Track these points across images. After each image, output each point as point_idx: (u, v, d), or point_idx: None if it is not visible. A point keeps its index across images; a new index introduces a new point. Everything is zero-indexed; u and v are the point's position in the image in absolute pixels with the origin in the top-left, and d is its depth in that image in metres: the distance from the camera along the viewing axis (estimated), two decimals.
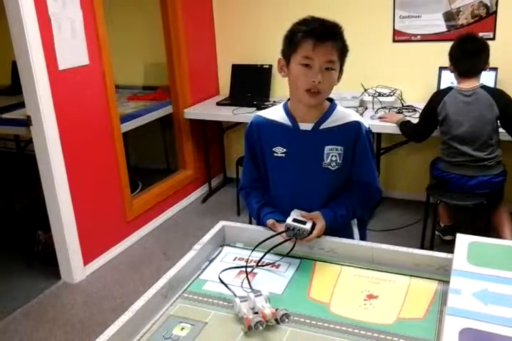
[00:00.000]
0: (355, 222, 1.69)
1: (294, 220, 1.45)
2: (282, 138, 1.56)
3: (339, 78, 1.50)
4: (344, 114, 1.56)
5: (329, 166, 1.53)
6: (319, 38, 1.40)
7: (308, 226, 1.44)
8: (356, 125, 1.54)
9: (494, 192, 2.83)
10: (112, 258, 3.25)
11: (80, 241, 3.00)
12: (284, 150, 1.55)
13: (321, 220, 1.47)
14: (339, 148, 1.52)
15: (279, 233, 1.45)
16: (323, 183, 1.56)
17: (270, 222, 1.53)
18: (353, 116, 1.56)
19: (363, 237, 1.70)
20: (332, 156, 1.52)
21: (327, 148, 1.52)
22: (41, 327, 2.62)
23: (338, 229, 1.54)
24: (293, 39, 1.45)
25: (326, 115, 1.53)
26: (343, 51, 1.46)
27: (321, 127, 1.53)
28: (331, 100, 1.57)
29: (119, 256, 3.28)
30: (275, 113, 1.59)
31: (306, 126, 1.53)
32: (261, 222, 1.59)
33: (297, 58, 1.43)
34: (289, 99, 1.58)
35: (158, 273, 1.33)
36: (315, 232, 1.44)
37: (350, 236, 1.64)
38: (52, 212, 2.89)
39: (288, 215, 1.49)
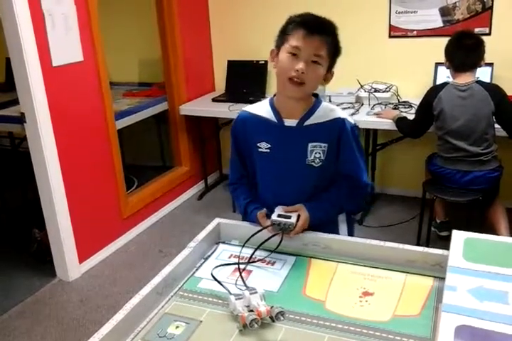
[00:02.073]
0: (343, 218, 1.68)
1: (279, 216, 1.46)
2: (267, 134, 1.56)
3: (328, 79, 1.50)
4: (329, 110, 1.55)
5: (313, 163, 1.53)
6: (310, 30, 1.40)
7: (293, 220, 1.45)
8: (340, 121, 1.53)
9: (490, 188, 2.83)
10: (107, 255, 3.24)
11: (75, 238, 2.99)
12: (269, 145, 1.55)
13: (304, 212, 1.48)
14: (323, 145, 1.52)
15: (266, 227, 1.45)
16: (306, 179, 1.56)
17: (260, 213, 1.52)
18: (338, 112, 1.55)
19: (350, 233, 1.69)
20: (316, 153, 1.52)
21: (310, 145, 1.52)
22: (36, 325, 2.61)
23: (323, 223, 1.54)
24: (286, 29, 1.46)
25: (311, 111, 1.53)
26: (334, 49, 1.46)
27: (306, 123, 1.52)
28: (316, 96, 1.57)
29: (114, 254, 3.28)
30: (261, 108, 1.59)
31: (290, 122, 1.53)
32: (248, 218, 1.60)
33: (286, 47, 1.44)
34: (275, 95, 1.58)
35: (155, 270, 1.32)
36: (299, 224, 1.45)
37: (335, 231, 1.64)
38: (47, 210, 2.88)
39: (273, 211, 1.50)
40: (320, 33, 1.41)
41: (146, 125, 4.08)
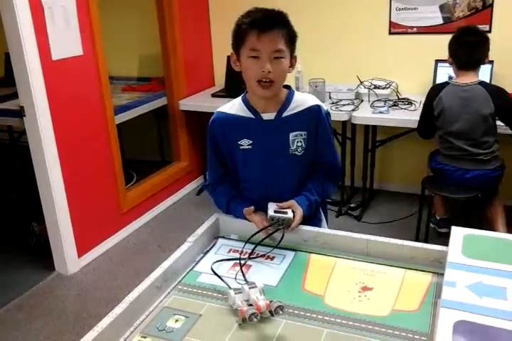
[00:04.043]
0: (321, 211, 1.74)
1: (275, 212, 1.48)
2: (247, 131, 1.57)
3: (293, 65, 1.52)
4: (303, 99, 1.59)
5: (296, 152, 1.56)
6: (262, 29, 1.40)
7: (290, 214, 1.47)
8: (317, 109, 1.57)
9: (489, 187, 2.83)
10: (106, 250, 3.25)
11: (74, 233, 2.99)
12: (250, 141, 1.56)
13: (298, 208, 1.51)
14: (303, 133, 1.56)
15: (266, 227, 1.46)
16: (292, 169, 1.59)
17: (247, 210, 1.53)
18: (312, 100, 1.59)
19: (325, 213, 1.76)
20: (297, 142, 1.56)
21: (292, 134, 1.55)
22: (35, 318, 2.62)
23: (312, 214, 1.61)
24: (238, 32, 1.46)
25: (286, 103, 1.55)
26: (290, 38, 1.46)
27: (284, 115, 1.55)
28: (288, 87, 1.59)
29: (113, 248, 3.28)
30: (236, 107, 1.60)
31: (268, 115, 1.55)
32: (234, 214, 1.60)
33: (245, 51, 1.44)
34: (247, 92, 1.59)
35: (153, 265, 1.32)
36: (297, 219, 1.48)
37: (318, 216, 1.71)
38: (46, 204, 2.88)
39: (260, 205, 1.53)
40: (273, 29, 1.41)
41: (145, 120, 4.08)
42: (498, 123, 2.75)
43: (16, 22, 2.51)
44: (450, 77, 3.15)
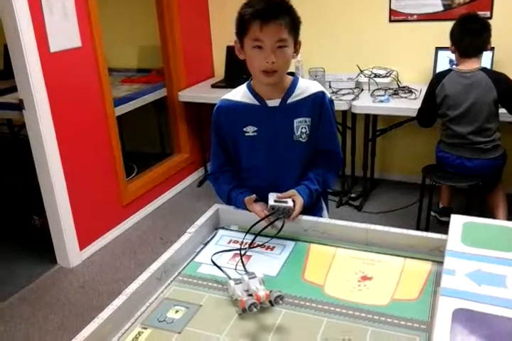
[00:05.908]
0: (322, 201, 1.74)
1: (275, 201, 1.48)
2: (252, 118, 1.57)
3: (298, 51, 1.51)
4: (307, 86, 1.59)
5: (300, 138, 1.57)
6: (265, 19, 1.39)
7: (291, 204, 1.47)
8: (321, 95, 1.58)
9: (490, 175, 2.82)
10: (108, 242, 3.25)
11: (75, 225, 2.99)
12: (255, 128, 1.57)
13: (298, 197, 1.51)
14: (307, 119, 1.56)
15: (266, 216, 1.46)
16: (296, 155, 1.59)
17: (249, 198, 1.53)
18: (317, 86, 1.60)
19: (326, 202, 1.76)
20: (302, 128, 1.56)
21: (296, 121, 1.55)
22: (38, 311, 2.63)
23: (314, 203, 1.61)
24: (241, 22, 1.45)
25: (290, 90, 1.56)
26: (293, 25, 1.45)
27: (288, 101, 1.55)
28: (292, 74, 1.59)
29: (115, 241, 3.29)
30: (240, 94, 1.60)
31: (273, 102, 1.55)
32: (234, 204, 1.59)
33: (248, 41, 1.44)
34: (251, 79, 1.59)
35: (155, 256, 1.33)
36: (297, 209, 1.47)
37: (319, 205, 1.70)
38: (47, 197, 2.88)
39: (262, 195, 1.52)
40: (275, 18, 1.39)
41: (145, 112, 4.07)
42: (500, 110, 2.73)
43: (14, 14, 2.49)
44: (451, 60, 3.14)
